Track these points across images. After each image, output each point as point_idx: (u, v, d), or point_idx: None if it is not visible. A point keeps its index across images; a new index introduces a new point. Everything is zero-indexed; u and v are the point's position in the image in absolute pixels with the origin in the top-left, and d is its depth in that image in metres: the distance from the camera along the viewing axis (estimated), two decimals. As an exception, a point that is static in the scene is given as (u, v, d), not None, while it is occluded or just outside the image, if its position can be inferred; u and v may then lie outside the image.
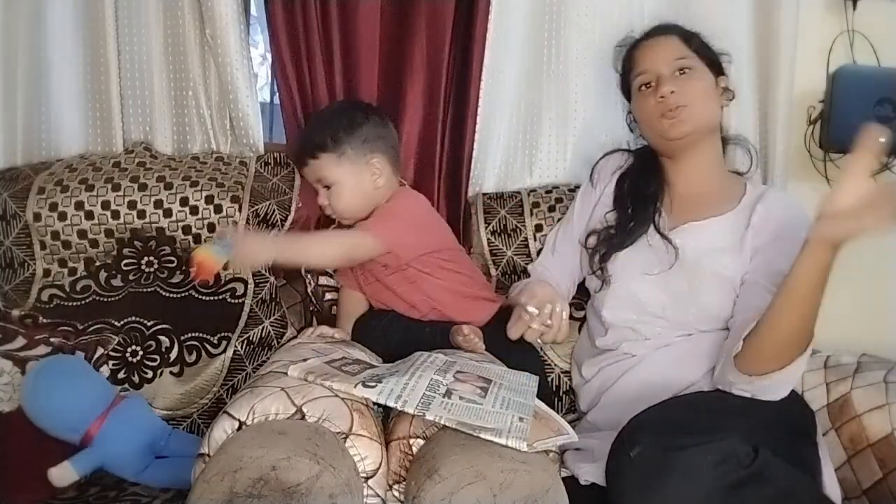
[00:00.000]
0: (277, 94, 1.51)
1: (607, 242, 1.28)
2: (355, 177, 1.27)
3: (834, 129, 1.49)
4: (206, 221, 1.39)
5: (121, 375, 1.29)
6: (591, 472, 1.04)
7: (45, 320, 1.32)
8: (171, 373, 1.31)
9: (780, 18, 1.43)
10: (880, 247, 1.56)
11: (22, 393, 1.16)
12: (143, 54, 1.49)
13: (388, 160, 1.29)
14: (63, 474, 1.11)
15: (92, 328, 1.32)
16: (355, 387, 0.94)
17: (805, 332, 0.98)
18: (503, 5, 1.47)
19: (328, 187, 1.28)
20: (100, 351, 1.28)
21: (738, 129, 1.48)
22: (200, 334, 1.34)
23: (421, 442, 0.93)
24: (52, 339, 1.27)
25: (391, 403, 0.92)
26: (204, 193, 1.39)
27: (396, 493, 0.92)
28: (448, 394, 0.95)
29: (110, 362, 1.29)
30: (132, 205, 1.37)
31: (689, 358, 1.15)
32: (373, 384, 0.94)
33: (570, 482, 1.02)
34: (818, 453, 1.08)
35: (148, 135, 1.52)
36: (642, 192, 1.29)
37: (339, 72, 1.48)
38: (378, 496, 0.92)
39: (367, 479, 0.91)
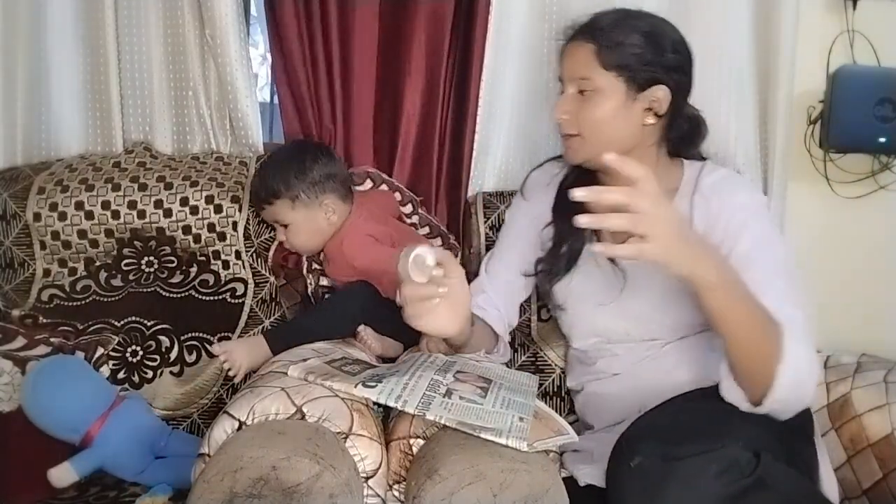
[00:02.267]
0: (277, 94, 1.51)
1: (547, 271, 1.21)
2: (310, 217, 1.36)
3: (834, 129, 1.49)
4: (206, 221, 1.39)
5: (121, 375, 1.29)
6: (589, 474, 1.04)
7: (45, 320, 1.32)
8: (171, 373, 1.31)
9: (780, 18, 1.43)
10: (880, 247, 1.57)
11: (22, 393, 1.16)
12: (143, 54, 1.49)
13: (340, 196, 1.38)
14: (63, 475, 1.11)
15: (92, 328, 1.32)
16: (355, 387, 0.94)
17: (751, 343, 0.94)
18: (503, 5, 1.47)
19: (286, 226, 1.37)
20: (100, 351, 1.28)
21: (738, 129, 1.48)
22: (200, 334, 1.34)
23: (421, 442, 0.93)
24: (52, 339, 1.27)
25: (391, 403, 0.92)
26: (204, 193, 1.39)
27: (396, 493, 0.92)
28: (448, 394, 0.95)
29: (110, 362, 1.29)
30: (132, 205, 1.37)
31: (670, 366, 1.13)
32: (373, 384, 0.94)
33: (569, 483, 1.02)
34: (816, 453, 1.07)
35: (148, 135, 1.52)
36: (575, 209, 1.12)
37: (339, 72, 1.48)
38: (378, 496, 0.92)
39: (367, 479, 0.91)
